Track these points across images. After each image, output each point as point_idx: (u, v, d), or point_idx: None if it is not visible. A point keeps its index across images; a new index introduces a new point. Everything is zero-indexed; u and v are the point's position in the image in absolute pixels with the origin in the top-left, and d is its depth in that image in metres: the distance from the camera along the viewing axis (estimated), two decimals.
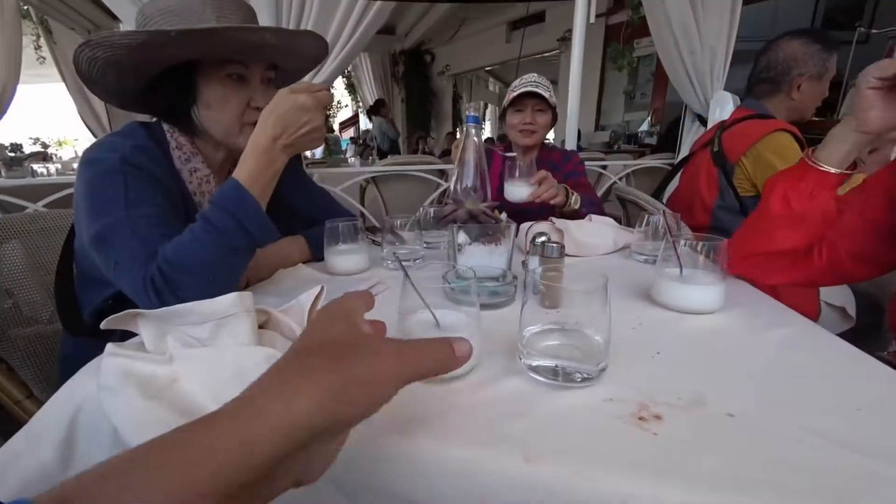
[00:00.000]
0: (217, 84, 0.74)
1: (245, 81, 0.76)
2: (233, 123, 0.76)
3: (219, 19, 0.71)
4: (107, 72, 0.71)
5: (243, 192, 0.65)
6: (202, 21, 0.69)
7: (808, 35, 1.28)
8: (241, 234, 0.64)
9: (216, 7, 0.71)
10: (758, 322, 0.61)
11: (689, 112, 2.30)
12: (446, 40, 7.61)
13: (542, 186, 1.10)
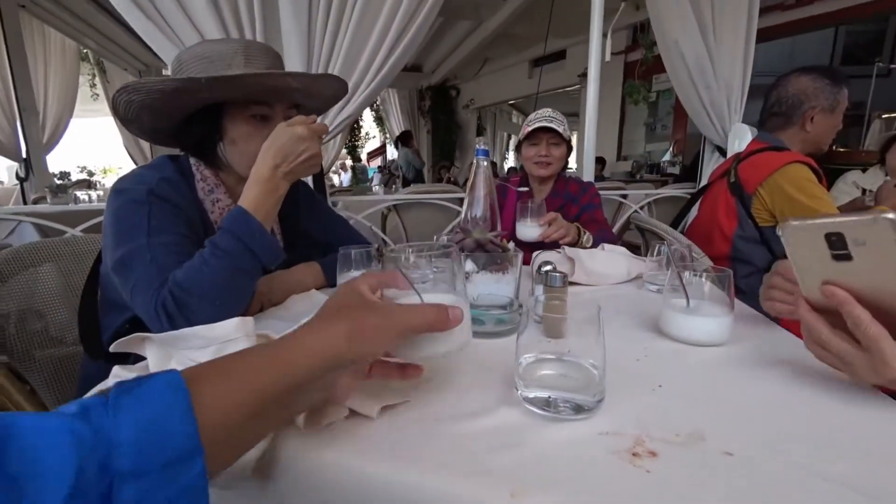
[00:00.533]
0: (242, 123, 0.80)
1: (268, 120, 0.81)
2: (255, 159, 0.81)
3: (247, 65, 0.77)
4: (141, 114, 0.79)
5: (248, 217, 0.69)
6: (232, 67, 0.76)
7: (816, 71, 1.29)
8: (247, 256, 0.68)
9: (245, 54, 0.78)
10: (766, 355, 0.58)
11: (709, 143, 2.29)
12: (471, 76, 7.90)
13: (552, 227, 1.14)
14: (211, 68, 0.76)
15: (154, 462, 0.21)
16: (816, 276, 0.49)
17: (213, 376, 0.28)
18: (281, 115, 0.83)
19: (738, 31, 2.03)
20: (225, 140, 0.81)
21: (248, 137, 0.80)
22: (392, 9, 1.68)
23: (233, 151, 0.81)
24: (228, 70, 0.75)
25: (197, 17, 1.48)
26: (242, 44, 0.79)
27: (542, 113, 1.42)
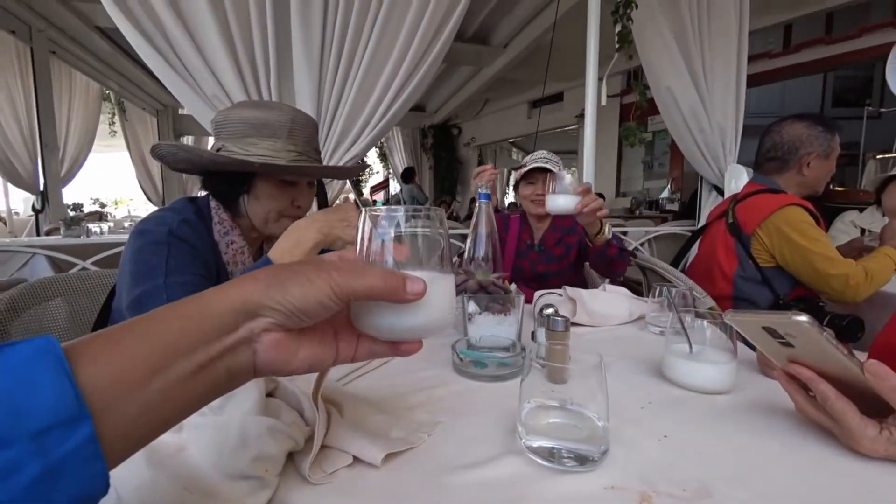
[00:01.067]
0: (272, 185, 0.86)
1: (294, 185, 0.88)
2: (273, 216, 0.87)
3: (289, 137, 0.83)
4: (180, 162, 0.84)
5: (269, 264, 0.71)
6: (274, 136, 0.82)
7: (810, 118, 1.35)
8: None
9: (289, 129, 0.83)
10: (771, 405, 0.58)
11: (706, 182, 2.34)
12: (472, 116, 8.19)
13: (588, 196, 1.02)
14: (253, 133, 0.81)
15: (19, 431, 0.20)
16: (780, 356, 0.52)
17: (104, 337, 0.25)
18: (306, 181, 0.91)
19: (728, 77, 2.14)
20: (250, 194, 0.86)
21: (272, 197, 0.86)
22: (399, 57, 1.78)
23: (255, 205, 0.86)
24: (272, 138, 0.82)
25: (217, 67, 1.57)
26: (289, 117, 0.84)
27: (538, 155, 1.49)
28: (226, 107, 1.59)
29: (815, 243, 1.24)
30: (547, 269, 1.53)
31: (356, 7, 1.70)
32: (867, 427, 0.44)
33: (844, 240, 1.84)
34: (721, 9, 2.08)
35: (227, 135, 0.83)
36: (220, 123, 0.84)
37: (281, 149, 0.83)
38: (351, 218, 0.79)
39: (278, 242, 0.76)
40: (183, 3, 1.53)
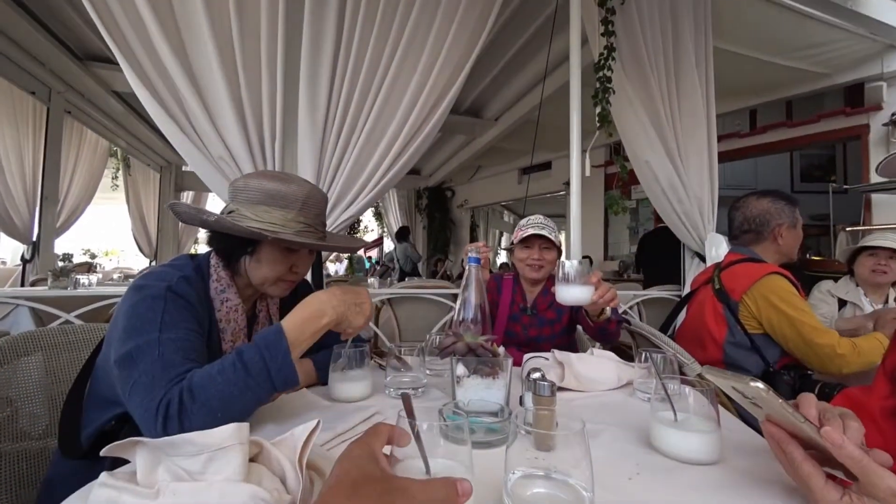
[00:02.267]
0: (275, 251, 0.89)
1: (296, 252, 0.92)
2: (273, 278, 0.90)
3: (299, 211, 0.88)
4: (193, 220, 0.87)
5: (279, 338, 0.72)
6: (287, 207, 0.87)
7: (772, 194, 1.47)
8: (263, 376, 0.68)
9: (303, 202, 0.89)
10: (759, 476, 0.58)
11: (688, 249, 2.44)
12: (465, 180, 8.60)
13: (603, 288, 1.02)
14: (267, 202, 0.86)
15: None
16: (758, 415, 0.55)
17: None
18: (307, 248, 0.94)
19: (700, 154, 2.32)
20: (253, 257, 0.89)
21: (274, 262, 0.89)
22: (398, 126, 1.92)
23: (255, 268, 0.89)
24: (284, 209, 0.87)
25: (225, 131, 1.68)
26: (304, 192, 0.89)
27: (535, 220, 1.53)
28: (230, 168, 1.69)
29: (801, 313, 1.29)
30: (539, 333, 1.53)
31: (361, 78, 1.85)
32: (830, 492, 0.45)
33: (823, 308, 1.90)
34: (689, 94, 2.32)
35: (243, 199, 0.87)
36: (239, 189, 0.89)
37: (291, 220, 0.87)
38: (364, 305, 0.84)
39: (294, 313, 0.77)
40: (197, 70, 1.64)
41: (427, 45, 1.93)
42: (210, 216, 0.85)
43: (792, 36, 3.25)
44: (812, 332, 1.26)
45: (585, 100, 2.04)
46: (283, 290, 0.94)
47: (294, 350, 0.73)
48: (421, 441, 0.45)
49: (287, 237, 0.85)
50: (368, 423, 0.74)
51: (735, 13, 2.88)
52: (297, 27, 1.78)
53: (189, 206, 0.87)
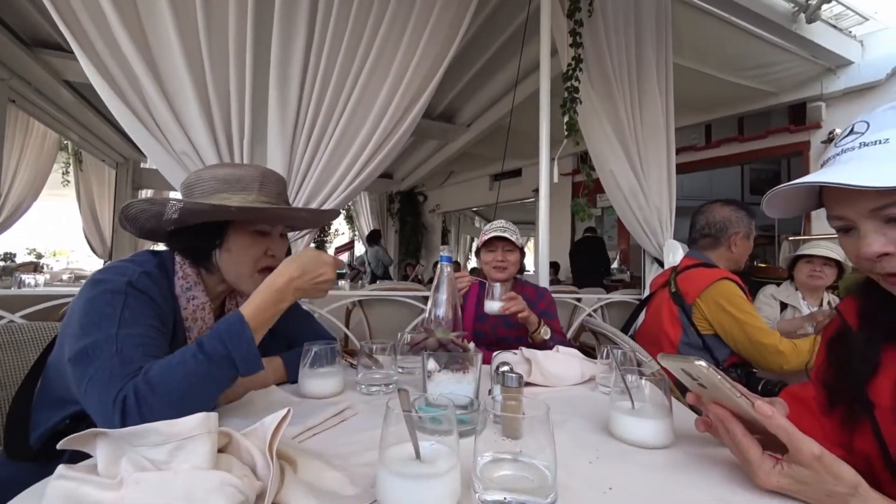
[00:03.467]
0: (245, 236, 0.85)
1: (267, 235, 0.89)
2: (249, 269, 0.86)
3: (260, 190, 0.86)
4: (152, 219, 0.83)
5: (242, 325, 0.70)
6: (246, 189, 0.84)
7: (734, 203, 1.58)
8: (226, 364, 0.67)
9: (261, 181, 0.86)
10: (707, 457, 0.62)
11: (648, 255, 2.57)
12: (437, 185, 8.65)
13: (511, 302, 1.33)
14: (226, 189, 0.83)
15: None
16: (705, 395, 0.60)
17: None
18: (279, 230, 0.91)
19: (660, 165, 2.45)
20: (223, 247, 0.85)
21: (247, 248, 0.85)
22: (371, 129, 1.91)
23: (228, 259, 0.85)
24: (242, 193, 0.84)
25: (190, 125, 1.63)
26: (259, 172, 0.87)
27: (497, 224, 1.60)
28: (194, 164, 1.64)
29: (748, 315, 1.39)
30: (507, 333, 1.57)
31: (334, 78, 1.83)
32: (766, 461, 0.50)
33: (766, 310, 2.05)
34: (651, 107, 2.45)
35: (199, 193, 0.84)
36: (192, 184, 0.85)
37: (253, 200, 0.84)
38: (326, 274, 0.80)
39: (254, 296, 0.75)
40: (159, 60, 1.57)
41: (401, 48, 1.95)
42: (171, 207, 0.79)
43: (744, 55, 3.51)
44: (757, 333, 1.36)
45: (554, 108, 2.12)
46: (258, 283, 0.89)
47: (256, 334, 0.71)
48: (414, 428, 0.48)
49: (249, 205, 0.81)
50: (339, 418, 0.74)
51: (693, 31, 3.08)
52: (267, 22, 1.74)
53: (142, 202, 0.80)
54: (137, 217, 0.83)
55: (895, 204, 0.53)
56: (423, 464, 0.48)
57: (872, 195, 0.54)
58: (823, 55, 3.65)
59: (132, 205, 0.81)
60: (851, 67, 3.84)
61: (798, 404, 0.76)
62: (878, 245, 0.56)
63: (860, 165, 0.55)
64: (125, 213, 0.82)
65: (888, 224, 0.55)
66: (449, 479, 0.46)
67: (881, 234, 0.56)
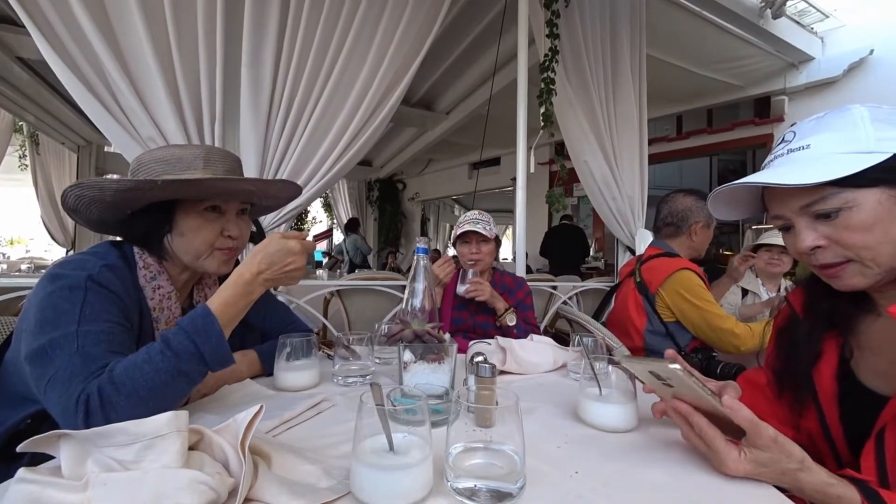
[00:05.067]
0: (195, 216, 0.81)
1: (221, 213, 0.84)
2: (204, 249, 0.82)
3: (205, 168, 0.81)
4: (91, 207, 0.79)
5: (210, 319, 0.68)
6: (190, 169, 0.80)
7: (696, 193, 1.63)
8: (195, 360, 0.65)
9: (205, 157, 0.82)
10: (669, 440, 0.66)
11: (621, 244, 2.64)
12: (416, 173, 8.58)
13: (473, 286, 1.48)
14: (170, 170, 0.79)
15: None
16: (666, 393, 0.64)
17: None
18: (234, 208, 0.86)
19: (633, 156, 2.51)
20: (174, 232, 0.81)
21: (198, 229, 0.81)
22: (348, 115, 1.88)
23: (181, 242, 0.82)
24: (186, 172, 0.79)
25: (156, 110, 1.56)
26: (203, 149, 0.82)
27: (470, 216, 1.63)
28: None
29: (706, 303, 1.46)
30: (486, 320, 1.61)
31: (309, 63, 1.78)
32: (730, 450, 0.54)
33: (729, 297, 2.15)
34: (625, 100, 2.50)
35: (143, 177, 0.80)
36: (134, 170, 0.82)
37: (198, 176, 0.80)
38: (295, 262, 0.77)
39: (222, 290, 0.72)
40: (123, 40, 1.49)
41: (378, 32, 1.91)
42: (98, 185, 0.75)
43: (714, 48, 3.60)
44: (715, 319, 1.44)
45: (531, 98, 2.13)
46: (221, 261, 0.85)
47: (226, 330, 0.70)
48: (387, 420, 0.49)
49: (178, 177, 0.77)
50: (315, 410, 0.75)
51: (667, 23, 3.13)
52: (238, 5, 1.67)
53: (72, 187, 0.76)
54: (76, 207, 0.79)
55: (820, 201, 0.59)
56: (397, 455, 0.49)
57: (800, 194, 0.60)
58: (787, 50, 3.78)
59: (66, 194, 0.76)
60: (812, 63, 4.00)
61: (752, 388, 0.82)
62: (809, 240, 0.61)
63: (788, 168, 0.61)
64: (63, 203, 0.78)
65: (818, 220, 0.61)
66: (422, 470, 0.48)
67: (812, 229, 0.61)
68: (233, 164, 0.87)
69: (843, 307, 0.68)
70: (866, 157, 0.56)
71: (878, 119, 0.58)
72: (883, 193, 0.57)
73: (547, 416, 0.76)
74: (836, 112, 0.61)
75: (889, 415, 0.58)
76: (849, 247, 0.59)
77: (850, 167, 0.56)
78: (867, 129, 0.57)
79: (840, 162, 0.57)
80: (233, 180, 0.83)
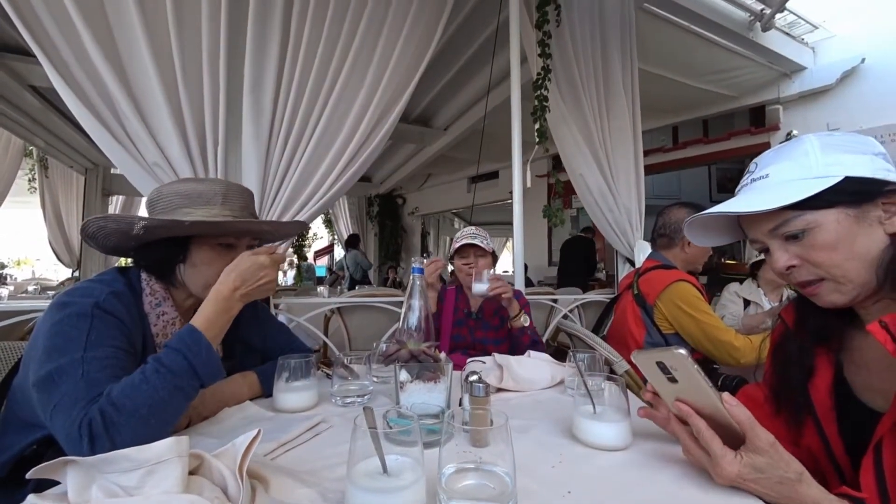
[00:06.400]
0: (208, 249, 0.86)
1: (232, 248, 0.89)
2: (213, 280, 0.85)
3: (223, 203, 0.86)
4: (111, 237, 0.83)
5: (197, 335, 0.72)
6: (209, 203, 0.85)
7: (690, 206, 1.65)
8: (189, 374, 0.69)
9: (224, 194, 0.87)
10: (662, 458, 0.67)
11: (620, 255, 2.65)
12: (416, 188, 8.66)
13: (495, 283, 1.44)
14: (189, 204, 0.84)
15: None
16: (669, 395, 0.65)
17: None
18: (245, 244, 0.92)
19: (628, 168, 2.55)
20: (187, 262, 0.85)
21: (210, 262, 0.86)
22: (348, 134, 1.92)
23: (193, 273, 0.86)
24: (205, 207, 0.84)
25: (161, 136, 1.60)
26: (222, 185, 0.88)
27: (467, 231, 1.67)
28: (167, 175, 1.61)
29: (704, 315, 1.47)
30: (485, 337, 1.62)
31: (309, 84, 1.83)
32: (727, 452, 0.55)
33: (731, 307, 2.15)
34: (618, 113, 2.54)
35: (161, 209, 0.84)
36: (153, 200, 0.86)
37: (217, 214, 0.85)
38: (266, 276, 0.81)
39: (200, 310, 0.76)
40: (130, 70, 1.54)
41: (376, 54, 1.96)
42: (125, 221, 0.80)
43: (705, 61, 3.67)
44: (714, 331, 1.44)
45: (526, 114, 2.17)
46: None
47: (213, 343, 0.74)
48: (379, 443, 0.50)
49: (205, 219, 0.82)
50: (313, 432, 0.76)
51: (657, 39, 3.20)
52: (241, 27, 1.72)
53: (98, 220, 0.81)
54: (96, 235, 0.83)
55: (784, 224, 0.64)
56: (390, 477, 0.50)
57: (768, 219, 0.65)
58: (779, 61, 3.84)
59: (89, 223, 0.81)
60: (805, 72, 4.06)
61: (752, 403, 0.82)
62: (783, 260, 0.65)
63: (751, 196, 0.67)
64: (84, 231, 0.83)
65: (788, 241, 0.65)
66: (414, 491, 0.49)
67: (784, 250, 0.65)
68: (248, 200, 0.93)
69: (832, 322, 0.70)
70: (817, 181, 0.61)
71: (829, 146, 0.63)
72: (840, 213, 0.61)
73: (543, 435, 0.77)
74: (791, 143, 0.66)
75: (884, 429, 0.59)
76: (819, 265, 0.63)
77: (801, 192, 0.61)
78: (817, 156, 0.62)
79: (793, 188, 0.62)
80: (252, 222, 0.90)
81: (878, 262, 0.60)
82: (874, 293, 0.62)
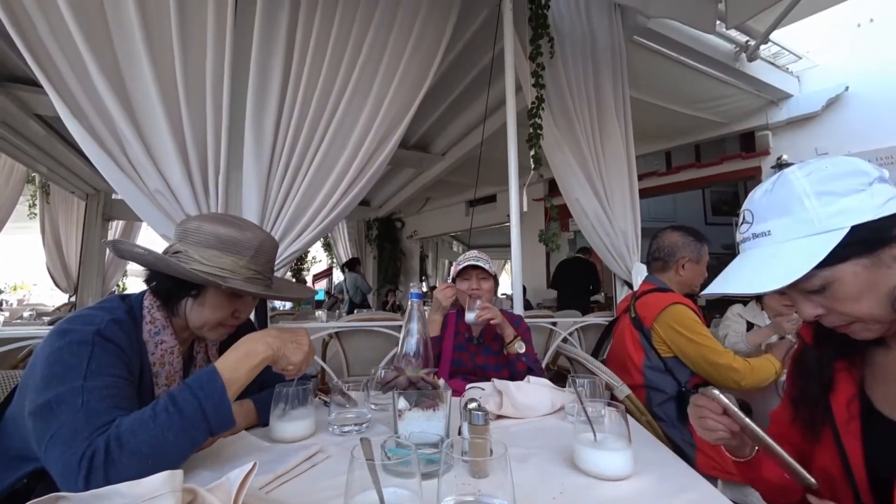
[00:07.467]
0: (220, 294, 0.87)
1: (240, 297, 0.91)
2: (214, 323, 0.88)
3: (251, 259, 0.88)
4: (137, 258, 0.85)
5: (215, 377, 0.71)
6: (240, 254, 0.87)
7: (684, 230, 1.67)
8: (198, 417, 0.67)
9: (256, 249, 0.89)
10: (666, 489, 0.66)
11: (618, 278, 2.66)
12: (415, 212, 8.74)
13: (485, 310, 1.47)
14: (221, 247, 0.85)
15: None
16: None
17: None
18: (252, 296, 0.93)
19: (623, 192, 2.59)
20: (196, 300, 0.86)
21: (218, 307, 0.87)
22: (347, 160, 1.95)
23: (198, 311, 0.87)
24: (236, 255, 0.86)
25: (164, 163, 1.63)
26: (258, 240, 0.90)
27: (470, 254, 1.67)
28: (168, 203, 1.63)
29: (701, 337, 1.46)
30: (486, 362, 1.60)
31: (311, 112, 1.87)
32: None
33: (735, 326, 2.13)
34: (611, 139, 2.60)
35: (193, 242, 0.85)
36: (190, 231, 0.87)
37: (243, 266, 0.87)
38: (302, 341, 0.84)
39: (228, 353, 0.76)
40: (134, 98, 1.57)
41: (375, 83, 2.02)
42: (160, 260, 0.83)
43: (694, 89, 3.79)
44: (711, 353, 1.44)
45: (521, 140, 2.23)
46: (221, 335, 0.93)
47: (230, 389, 0.72)
48: (377, 476, 0.49)
49: (238, 285, 0.85)
50: (310, 463, 0.74)
51: (647, 69, 3.32)
52: (244, 54, 1.78)
53: (135, 246, 0.86)
54: (124, 252, 0.86)
55: (803, 281, 0.60)
56: None
57: None
58: (765, 89, 3.97)
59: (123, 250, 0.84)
60: (791, 100, 4.18)
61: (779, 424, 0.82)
62: (808, 311, 0.64)
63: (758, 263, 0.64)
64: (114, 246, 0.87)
65: (810, 294, 0.63)
66: None
67: (808, 300, 0.64)
68: (273, 254, 0.96)
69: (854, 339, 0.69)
70: (824, 238, 0.58)
71: (824, 192, 0.60)
72: (856, 265, 0.59)
73: (543, 464, 0.76)
74: (780, 185, 0.64)
75: None
76: (845, 314, 0.62)
77: (811, 256, 0.58)
78: (815, 207, 0.60)
79: (801, 251, 0.59)
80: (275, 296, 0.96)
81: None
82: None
